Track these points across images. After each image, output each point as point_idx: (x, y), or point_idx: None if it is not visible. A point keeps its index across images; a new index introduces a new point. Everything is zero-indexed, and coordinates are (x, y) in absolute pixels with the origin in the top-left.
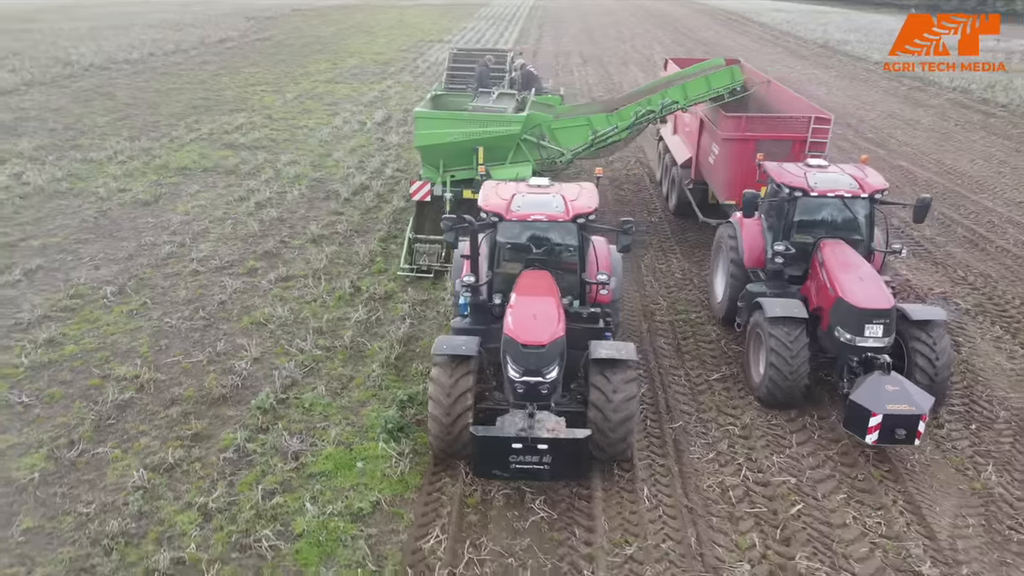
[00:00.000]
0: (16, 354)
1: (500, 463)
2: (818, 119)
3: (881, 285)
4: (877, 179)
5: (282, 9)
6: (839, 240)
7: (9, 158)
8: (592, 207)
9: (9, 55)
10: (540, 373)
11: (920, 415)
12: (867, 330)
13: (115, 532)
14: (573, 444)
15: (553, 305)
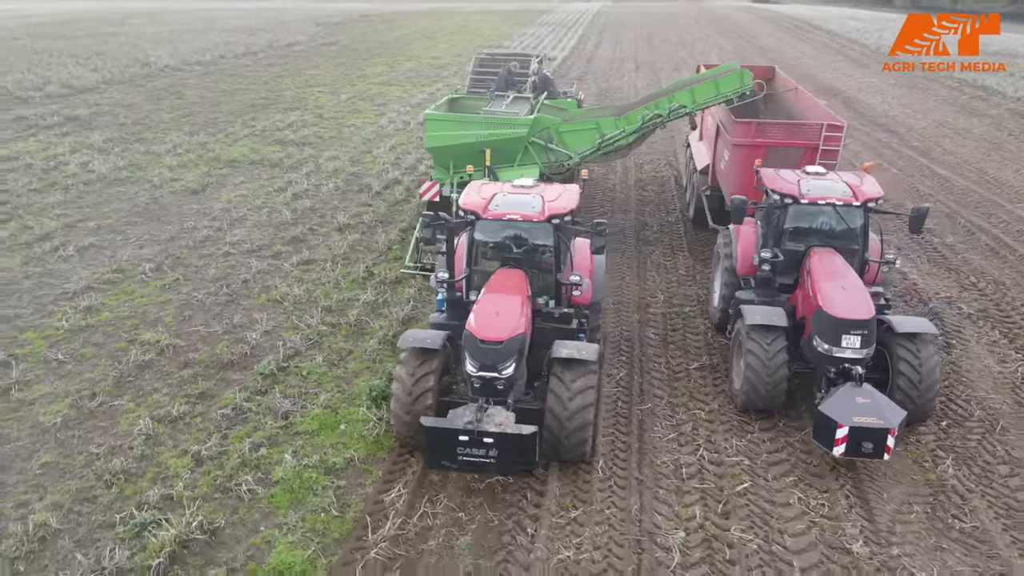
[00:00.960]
0: (59, 318)
1: (448, 454)
2: (830, 126)
3: (864, 295)
4: (873, 188)
5: (351, 15)
6: (830, 249)
7: (80, 148)
8: (568, 208)
9: (94, 56)
10: (496, 369)
11: (888, 429)
12: (844, 340)
13: (117, 470)
14: (519, 439)
15: (518, 303)
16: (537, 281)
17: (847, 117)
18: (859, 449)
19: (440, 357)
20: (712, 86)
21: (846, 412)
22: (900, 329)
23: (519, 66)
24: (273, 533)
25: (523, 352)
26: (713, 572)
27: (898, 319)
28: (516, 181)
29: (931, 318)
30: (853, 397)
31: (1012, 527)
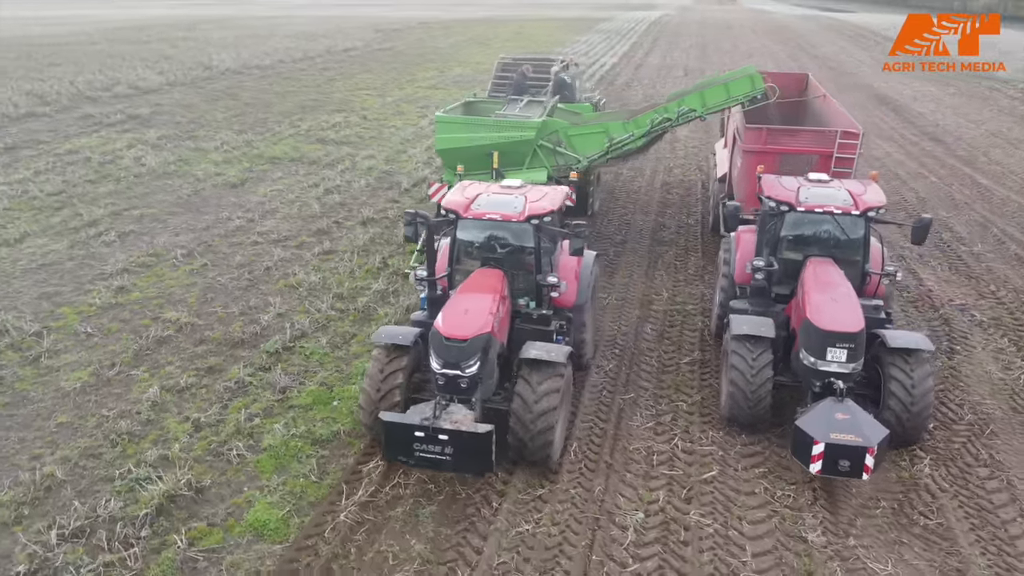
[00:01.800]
0: (92, 296)
1: (405, 450)
2: (845, 133)
3: (854, 308)
4: (875, 196)
5: (410, 22)
6: (828, 259)
7: (136, 144)
8: (548, 209)
9: (162, 59)
10: (459, 367)
11: (867, 448)
12: (829, 353)
13: (123, 431)
14: (474, 438)
15: (488, 302)
16: (517, 282)
17: (895, 126)
18: (836, 467)
19: (411, 354)
20: (722, 89)
21: (823, 428)
22: (893, 344)
23: (532, 70)
24: (255, 494)
25: (489, 351)
26: (665, 551)
27: (892, 333)
28: (505, 182)
29: (939, 323)
30: (833, 413)
31: (979, 527)
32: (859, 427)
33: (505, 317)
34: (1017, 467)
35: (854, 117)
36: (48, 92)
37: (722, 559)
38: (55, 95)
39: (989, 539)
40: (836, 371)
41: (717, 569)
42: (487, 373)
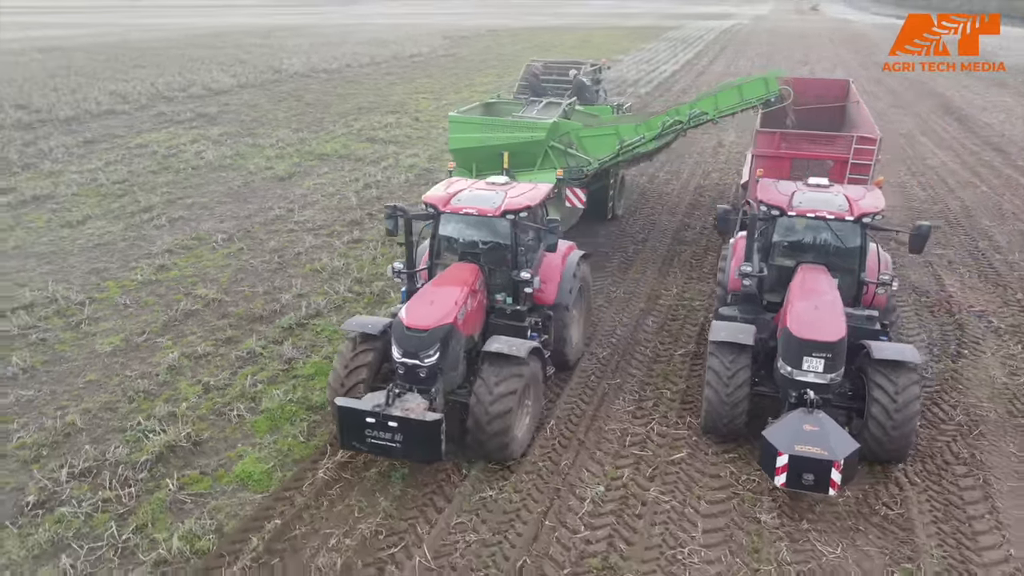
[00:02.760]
0: (136, 272)
1: (358, 435)
2: (861, 138)
3: (836, 317)
4: (873, 202)
5: (479, 30)
6: (820, 266)
7: (200, 139)
8: (525, 204)
9: (237, 63)
10: (417, 356)
11: (832, 462)
12: (805, 363)
13: (140, 390)
14: (422, 426)
15: (455, 295)
16: (495, 277)
17: (957, 135)
18: (800, 480)
19: (380, 343)
20: (735, 92)
21: (789, 439)
22: (877, 355)
23: (542, 70)
24: (247, 449)
25: (450, 343)
26: (618, 522)
27: (878, 345)
28: (491, 178)
29: (952, 328)
30: (801, 424)
31: (943, 520)
32: (826, 440)
33: (476, 311)
34: (998, 468)
35: (915, 126)
36: (129, 92)
37: (672, 532)
38: (135, 94)
39: (950, 532)
40: (812, 381)
41: (665, 541)
42: (449, 364)
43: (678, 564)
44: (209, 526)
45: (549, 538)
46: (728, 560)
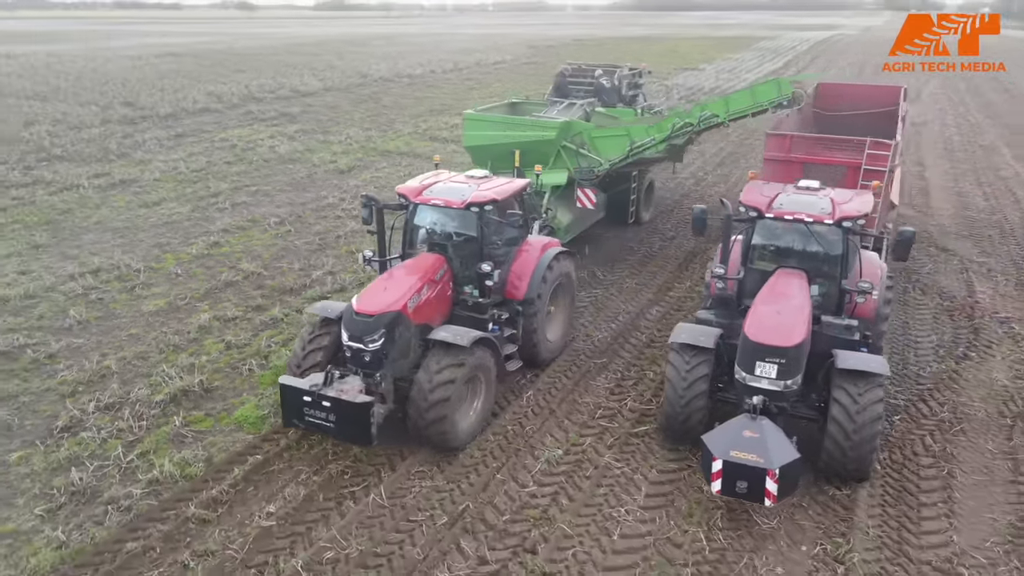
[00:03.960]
0: (191, 248)
1: (297, 413)
2: (875, 143)
3: (797, 322)
4: (858, 206)
5: (565, 40)
6: (798, 271)
7: (276, 136)
8: (489, 198)
9: (328, 68)
10: (362, 340)
11: (767, 470)
12: (758, 368)
13: (171, 344)
14: (352, 408)
15: (410, 283)
16: (464, 269)
17: None
18: (734, 488)
19: (338, 328)
20: (748, 94)
21: (726, 444)
22: (842, 365)
23: (572, 73)
24: (249, 398)
25: (396, 329)
26: (566, 481)
27: (845, 354)
28: (471, 171)
29: (967, 332)
30: (741, 430)
31: (890, 504)
32: (764, 447)
33: (435, 301)
34: (969, 463)
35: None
36: (224, 93)
37: (616, 494)
38: (229, 95)
39: (894, 516)
40: (766, 388)
41: (606, 500)
42: (397, 350)
43: (612, 521)
44: (201, 456)
45: (498, 489)
46: (661, 521)
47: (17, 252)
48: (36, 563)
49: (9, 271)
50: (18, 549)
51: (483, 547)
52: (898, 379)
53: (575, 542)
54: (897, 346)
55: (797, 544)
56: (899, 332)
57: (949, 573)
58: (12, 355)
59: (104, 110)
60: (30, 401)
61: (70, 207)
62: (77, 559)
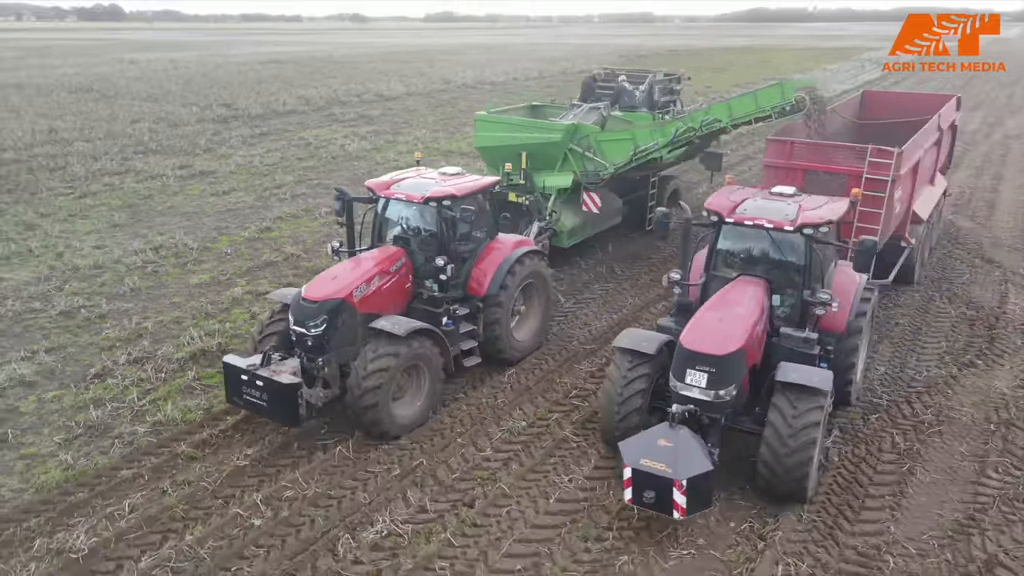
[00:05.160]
0: (245, 232)
1: (237, 391)
2: (877, 151)
3: (736, 331)
4: (825, 213)
5: (660, 50)
6: (758, 279)
7: (351, 135)
8: (448, 193)
9: (416, 75)
10: (305, 325)
11: (673, 480)
12: (688, 376)
13: (203, 311)
14: (280, 388)
15: (360, 273)
16: (425, 263)
17: None
18: (642, 497)
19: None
20: (751, 99)
21: (638, 452)
22: (781, 378)
23: (602, 76)
24: None
25: (339, 317)
26: (522, 450)
27: (788, 366)
28: (444, 168)
29: (982, 341)
30: (658, 438)
31: (835, 493)
32: (674, 457)
33: (389, 292)
34: (934, 462)
35: None
36: (313, 96)
37: (565, 464)
38: (317, 99)
39: (836, 504)
40: (697, 397)
41: (554, 469)
42: (340, 337)
43: (554, 487)
44: (203, 405)
45: (455, 452)
46: (600, 491)
47: (97, 230)
48: (44, 480)
49: (86, 245)
50: (34, 468)
51: (426, 498)
52: (888, 380)
53: (512, 501)
54: (900, 351)
55: (727, 520)
56: (908, 337)
57: (873, 558)
58: (70, 314)
59: (203, 110)
60: (75, 352)
61: (151, 193)
62: (78, 480)
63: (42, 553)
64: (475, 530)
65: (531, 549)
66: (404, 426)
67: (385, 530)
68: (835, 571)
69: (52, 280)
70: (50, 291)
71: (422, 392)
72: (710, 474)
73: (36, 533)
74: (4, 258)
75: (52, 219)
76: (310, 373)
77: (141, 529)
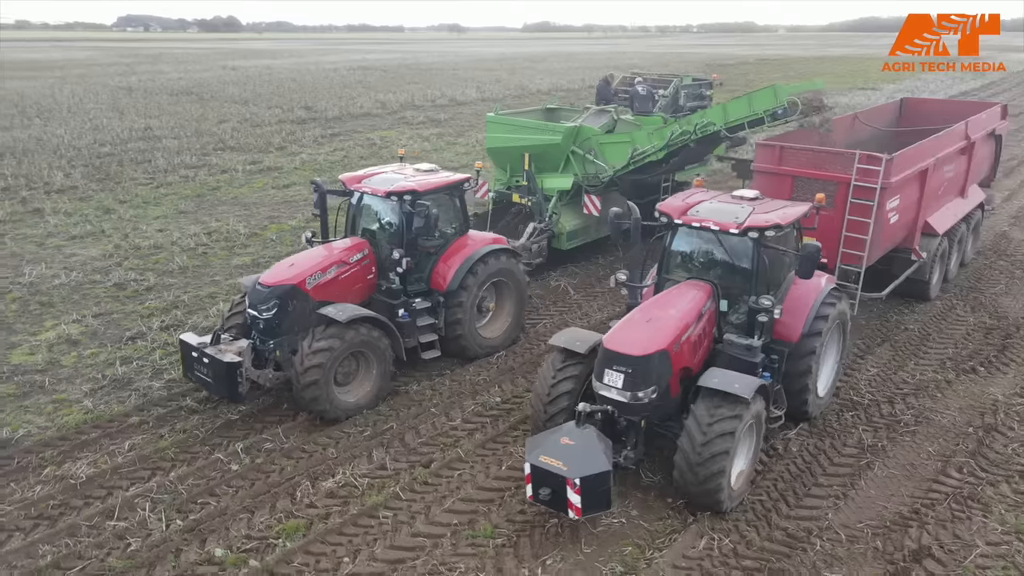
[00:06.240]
0: (292, 221)
1: (190, 367)
2: (865, 157)
3: (661, 333)
4: (777, 217)
5: (746, 59)
6: (704, 283)
7: (415, 137)
8: (409, 188)
9: (494, 82)
10: (257, 309)
11: (566, 479)
12: (607, 376)
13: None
14: (221, 366)
15: (316, 262)
16: (388, 257)
17: None
18: (539, 494)
19: None
20: (745, 102)
21: (539, 449)
22: (702, 382)
23: (628, 79)
24: None
25: (290, 303)
26: (489, 421)
27: (712, 372)
28: (419, 164)
29: (992, 350)
30: (561, 436)
31: (782, 479)
32: (572, 455)
33: (346, 282)
34: (896, 458)
35: None
36: (390, 101)
37: (525, 437)
38: (393, 103)
39: (781, 490)
40: (614, 398)
41: (515, 440)
42: (290, 322)
43: (509, 456)
44: None
45: (427, 420)
46: None
47: (164, 215)
48: (66, 421)
49: (151, 228)
50: (60, 410)
51: (388, 458)
52: (877, 381)
53: (467, 466)
54: (901, 355)
55: (664, 496)
56: (913, 342)
57: (800, 540)
58: (122, 286)
59: (285, 112)
60: (118, 318)
61: (220, 185)
62: (94, 422)
63: (48, 479)
64: (425, 487)
65: (471, 507)
66: (347, 410)
67: (343, 481)
68: (758, 548)
69: (114, 257)
70: (110, 266)
71: (370, 379)
72: (606, 475)
73: (48, 463)
74: (80, 237)
75: (128, 205)
76: (262, 355)
77: (134, 465)
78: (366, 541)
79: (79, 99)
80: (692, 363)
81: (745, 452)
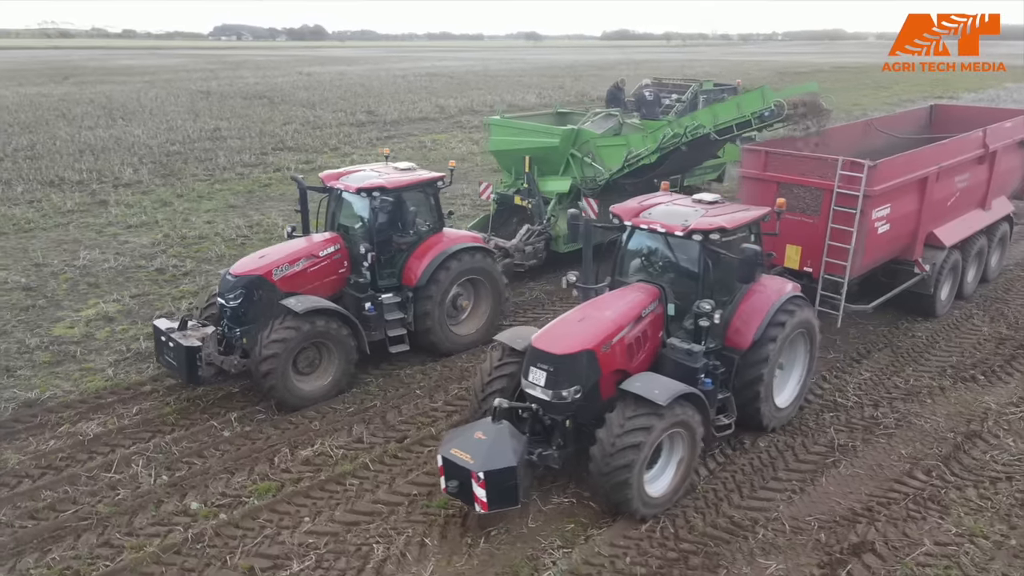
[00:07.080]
0: None
1: (161, 352)
2: (849, 163)
3: (590, 333)
4: (724, 220)
5: (822, 67)
6: (651, 286)
7: (465, 140)
8: (378, 184)
9: (556, 88)
10: (225, 297)
11: (471, 472)
12: (531, 374)
13: None
14: (183, 350)
15: (284, 254)
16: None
17: None
18: (449, 486)
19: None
20: (733, 104)
21: (452, 442)
22: (624, 386)
23: (624, 83)
24: None
25: (256, 292)
26: (468, 405)
27: (638, 376)
28: (398, 163)
29: (999, 360)
30: (476, 430)
31: (742, 472)
32: (481, 450)
33: (315, 275)
34: (864, 459)
35: None
36: (449, 106)
37: None
38: (452, 108)
39: (738, 481)
40: (538, 397)
41: None
42: (256, 311)
43: None
44: None
45: (411, 401)
46: None
47: (214, 208)
48: (88, 386)
49: (200, 220)
50: (85, 377)
51: (366, 432)
52: (868, 385)
53: (438, 443)
54: (900, 360)
55: None
56: (917, 349)
57: (744, 528)
58: (163, 270)
59: (347, 115)
60: (153, 299)
61: (270, 182)
62: (112, 389)
63: (62, 435)
64: (394, 460)
65: (433, 480)
66: (305, 399)
67: (320, 450)
68: (699, 533)
69: (161, 245)
70: (156, 252)
71: (331, 369)
72: (511, 471)
73: (65, 421)
74: (135, 226)
75: (184, 199)
76: (229, 341)
77: (138, 427)
78: (329, 504)
79: (161, 102)
80: (629, 366)
81: (673, 460)
